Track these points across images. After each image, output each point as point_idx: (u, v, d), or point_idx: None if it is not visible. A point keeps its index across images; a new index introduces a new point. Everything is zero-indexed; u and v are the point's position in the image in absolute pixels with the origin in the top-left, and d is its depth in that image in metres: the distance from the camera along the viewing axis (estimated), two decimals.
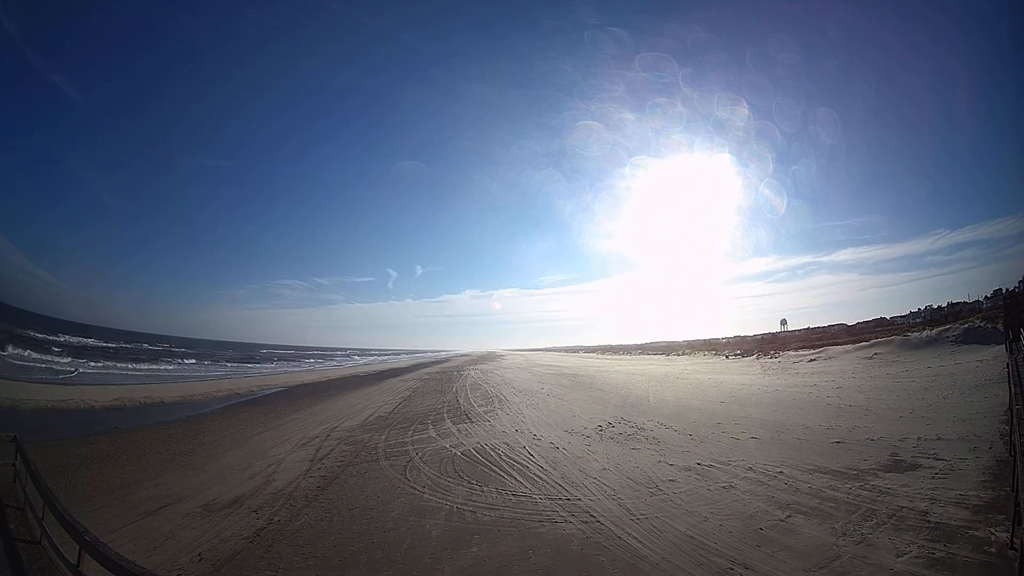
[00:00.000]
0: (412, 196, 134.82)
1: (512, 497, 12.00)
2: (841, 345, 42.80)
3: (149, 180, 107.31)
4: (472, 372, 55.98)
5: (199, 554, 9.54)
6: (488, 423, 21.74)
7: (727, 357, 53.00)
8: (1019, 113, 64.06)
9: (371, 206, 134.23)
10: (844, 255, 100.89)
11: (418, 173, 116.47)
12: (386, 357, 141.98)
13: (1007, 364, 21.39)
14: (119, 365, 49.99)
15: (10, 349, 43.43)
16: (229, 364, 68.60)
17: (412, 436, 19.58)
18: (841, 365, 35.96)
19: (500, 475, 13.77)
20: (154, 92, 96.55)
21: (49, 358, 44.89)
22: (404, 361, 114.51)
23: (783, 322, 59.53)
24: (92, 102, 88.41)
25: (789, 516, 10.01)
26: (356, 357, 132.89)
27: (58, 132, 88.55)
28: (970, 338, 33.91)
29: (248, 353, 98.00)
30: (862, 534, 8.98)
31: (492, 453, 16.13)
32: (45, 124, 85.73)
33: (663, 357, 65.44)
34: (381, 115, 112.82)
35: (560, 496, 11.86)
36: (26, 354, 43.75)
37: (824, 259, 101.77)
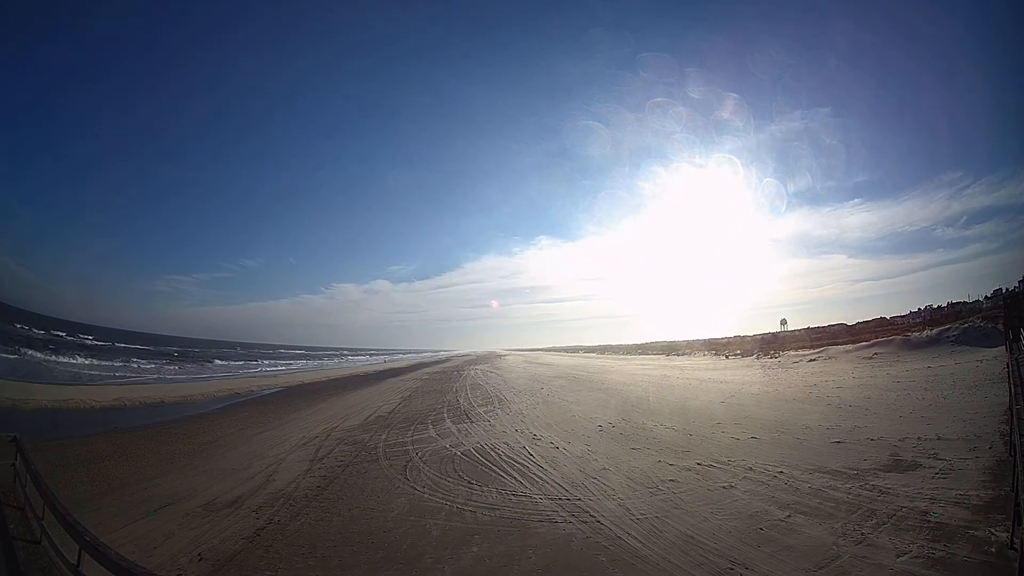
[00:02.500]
0: (410, 200, 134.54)
1: (512, 497, 12.01)
2: (841, 345, 42.76)
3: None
4: (472, 372, 55.98)
5: (199, 554, 9.54)
6: (488, 423, 21.74)
7: (727, 357, 52.96)
8: None
9: (370, 211, 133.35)
10: (822, 219, 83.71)
11: (415, 179, 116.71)
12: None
13: (1007, 364, 21.37)
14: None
15: None
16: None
17: (412, 436, 19.58)
18: (841, 365, 35.92)
19: (500, 475, 13.77)
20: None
21: None
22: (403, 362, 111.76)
23: (783, 322, 59.29)
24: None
25: (789, 516, 10.01)
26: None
27: None
28: (970, 338, 33.86)
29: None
30: (862, 534, 8.98)
31: (492, 453, 16.13)
32: None
33: (663, 357, 65.42)
34: (376, 120, 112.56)
35: (560, 496, 11.86)
36: None
37: (798, 222, 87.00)
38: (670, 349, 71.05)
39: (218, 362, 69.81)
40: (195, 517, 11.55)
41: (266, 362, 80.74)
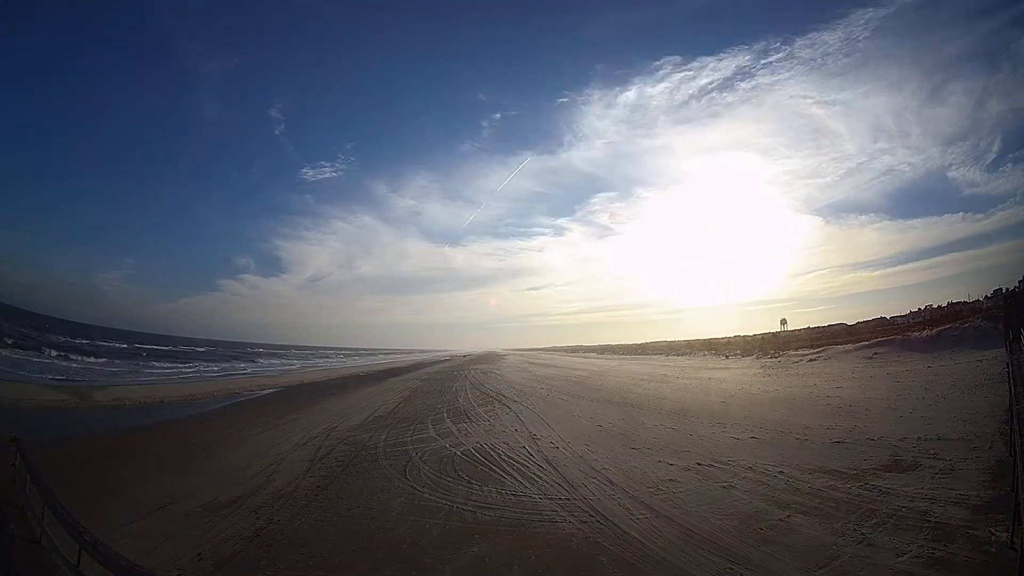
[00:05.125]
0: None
1: (512, 497, 12.00)
2: (841, 345, 42.81)
3: None
4: (471, 372, 55.97)
5: (199, 554, 9.54)
6: (488, 423, 21.74)
7: (727, 357, 52.99)
8: None
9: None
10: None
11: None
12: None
13: (1007, 364, 21.37)
14: None
15: None
16: None
17: (412, 436, 19.58)
18: (841, 365, 35.94)
19: (500, 475, 13.76)
20: None
21: None
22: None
23: (783, 322, 59.36)
24: None
25: (789, 516, 10.01)
26: None
27: None
28: (970, 338, 33.88)
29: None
30: (862, 534, 8.98)
31: (492, 453, 16.13)
32: None
33: (663, 357, 65.45)
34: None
35: (560, 496, 11.86)
36: None
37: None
38: (670, 349, 71.07)
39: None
40: (195, 517, 11.55)
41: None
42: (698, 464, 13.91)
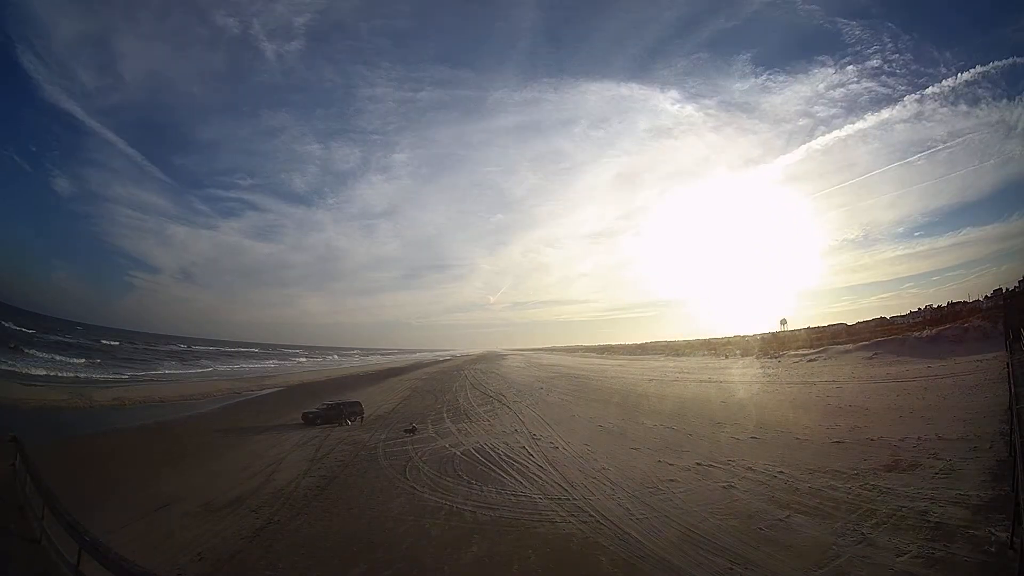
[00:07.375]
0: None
1: (512, 497, 12.00)
2: (841, 345, 42.76)
3: None
4: (471, 372, 55.93)
5: (199, 554, 9.54)
6: (487, 423, 21.74)
7: (727, 357, 52.95)
8: None
9: None
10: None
11: None
12: None
13: (1007, 364, 21.37)
14: None
15: None
16: None
17: (411, 435, 19.57)
18: (841, 365, 35.91)
19: (499, 475, 13.76)
20: None
21: None
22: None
23: (783, 322, 59.30)
24: None
25: (789, 516, 10.01)
26: None
27: None
28: (970, 338, 33.86)
29: None
30: (862, 534, 8.97)
31: (491, 453, 16.13)
32: None
33: (662, 357, 65.41)
34: None
35: (560, 496, 11.86)
36: None
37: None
38: (669, 350, 71.00)
39: None
40: (195, 517, 11.54)
41: None
42: (698, 464, 13.91)
